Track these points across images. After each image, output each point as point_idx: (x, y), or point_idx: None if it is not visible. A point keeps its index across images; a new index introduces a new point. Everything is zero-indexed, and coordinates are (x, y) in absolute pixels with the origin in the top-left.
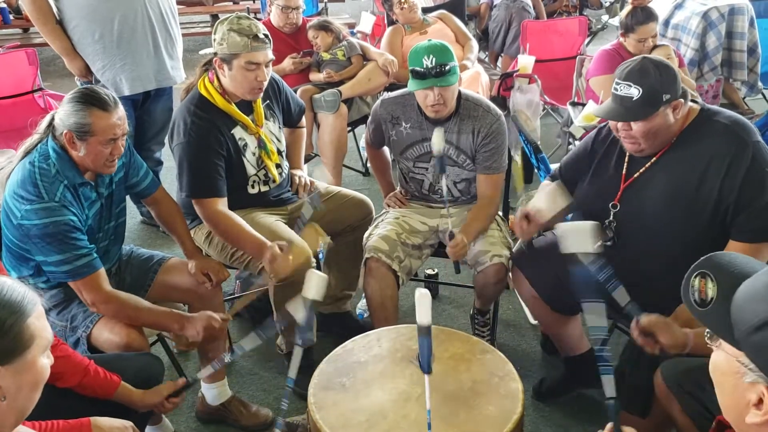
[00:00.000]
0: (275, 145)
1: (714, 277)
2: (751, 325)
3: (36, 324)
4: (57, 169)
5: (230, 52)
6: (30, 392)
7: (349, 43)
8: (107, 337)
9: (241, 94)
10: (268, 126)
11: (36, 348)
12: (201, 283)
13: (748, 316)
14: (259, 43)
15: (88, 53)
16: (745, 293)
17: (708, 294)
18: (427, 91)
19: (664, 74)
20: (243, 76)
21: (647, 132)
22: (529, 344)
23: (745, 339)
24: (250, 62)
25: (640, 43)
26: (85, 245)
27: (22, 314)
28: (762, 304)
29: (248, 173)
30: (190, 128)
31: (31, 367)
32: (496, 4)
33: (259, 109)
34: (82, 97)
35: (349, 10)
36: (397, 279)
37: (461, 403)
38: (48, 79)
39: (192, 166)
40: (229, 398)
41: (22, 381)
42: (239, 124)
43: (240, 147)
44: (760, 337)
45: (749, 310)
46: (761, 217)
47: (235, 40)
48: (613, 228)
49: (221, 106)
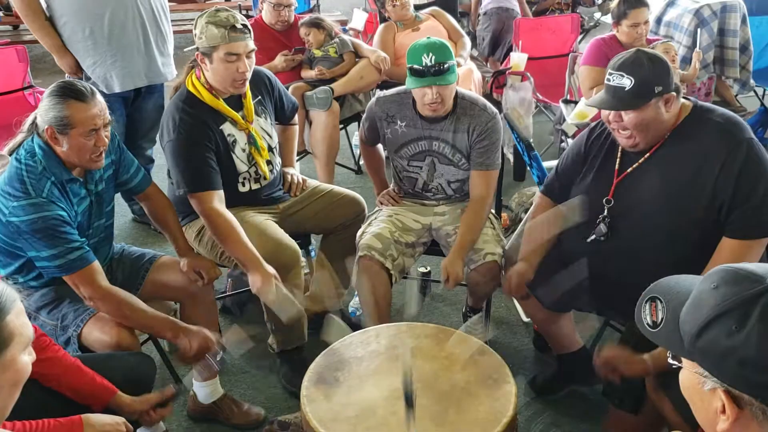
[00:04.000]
0: (266, 142)
1: (662, 299)
2: (693, 333)
3: (15, 322)
4: (44, 166)
5: (209, 44)
6: (10, 391)
7: (341, 40)
8: (97, 337)
9: (225, 87)
10: (259, 122)
11: (15, 346)
12: (193, 281)
13: (690, 326)
14: (237, 33)
15: (79, 50)
16: (686, 306)
17: (659, 315)
18: (426, 90)
19: (657, 66)
20: (224, 69)
21: (639, 123)
22: (521, 342)
23: (692, 348)
24: (229, 53)
25: (633, 29)
26: (76, 239)
27: (0, 312)
28: (698, 310)
29: (239, 170)
30: (179, 125)
31: (10, 366)
32: (486, 11)
33: (249, 104)
34: (59, 91)
35: (342, 7)
36: (390, 277)
37: (453, 403)
38: (38, 77)
39: (183, 162)
40: (221, 397)
41: (2, 380)
42: (228, 120)
43: (229, 143)
44: (702, 341)
45: (690, 320)
46: (755, 214)
47: (213, 32)
48: (607, 223)
49: (209, 102)
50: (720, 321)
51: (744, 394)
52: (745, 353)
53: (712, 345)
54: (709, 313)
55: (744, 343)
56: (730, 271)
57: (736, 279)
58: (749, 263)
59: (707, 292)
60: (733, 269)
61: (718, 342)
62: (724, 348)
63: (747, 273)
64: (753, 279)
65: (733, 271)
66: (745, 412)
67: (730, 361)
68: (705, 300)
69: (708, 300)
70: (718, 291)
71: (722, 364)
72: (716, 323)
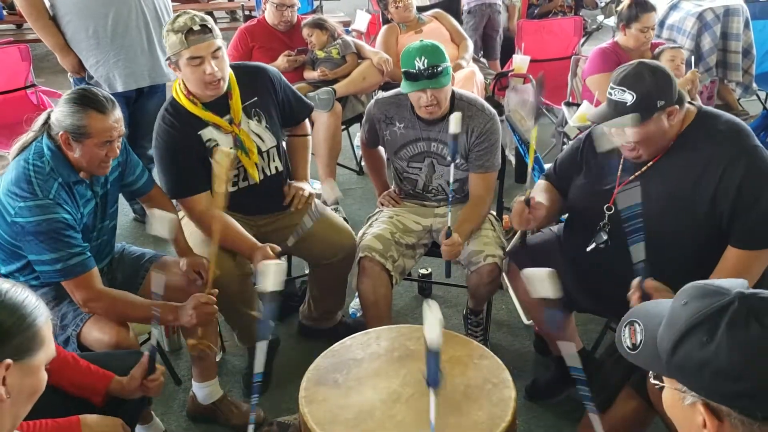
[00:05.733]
0: (257, 145)
1: (640, 322)
2: (668, 349)
3: (46, 332)
4: (51, 167)
5: (172, 52)
6: (27, 398)
7: (344, 41)
8: (97, 336)
9: (201, 91)
10: (250, 125)
11: (44, 353)
12: (192, 280)
13: (666, 343)
14: (195, 35)
15: (82, 49)
16: (662, 326)
17: (637, 338)
18: (420, 93)
19: (660, 79)
20: (191, 73)
21: (641, 138)
22: (522, 344)
23: (669, 364)
24: (192, 57)
25: (642, 34)
26: (78, 243)
27: (39, 317)
28: (672, 327)
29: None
30: (158, 132)
31: (35, 372)
32: (470, 10)
33: (236, 106)
34: (80, 99)
35: (344, 8)
36: (391, 278)
37: (451, 407)
38: (41, 76)
39: (165, 170)
40: (220, 397)
41: (24, 384)
42: (210, 125)
43: (208, 148)
44: (677, 357)
45: (665, 338)
46: (759, 224)
47: (173, 39)
48: (608, 230)
49: (188, 108)
50: (692, 334)
51: (722, 405)
52: (718, 364)
53: (687, 359)
54: (681, 328)
55: (715, 354)
56: (698, 287)
57: (704, 293)
58: (718, 279)
59: (678, 308)
60: (701, 285)
61: (691, 355)
62: (698, 360)
63: (715, 288)
64: (720, 292)
65: (700, 287)
66: (725, 423)
67: (705, 373)
68: (677, 317)
69: (680, 316)
70: (688, 306)
71: (697, 377)
72: (688, 337)
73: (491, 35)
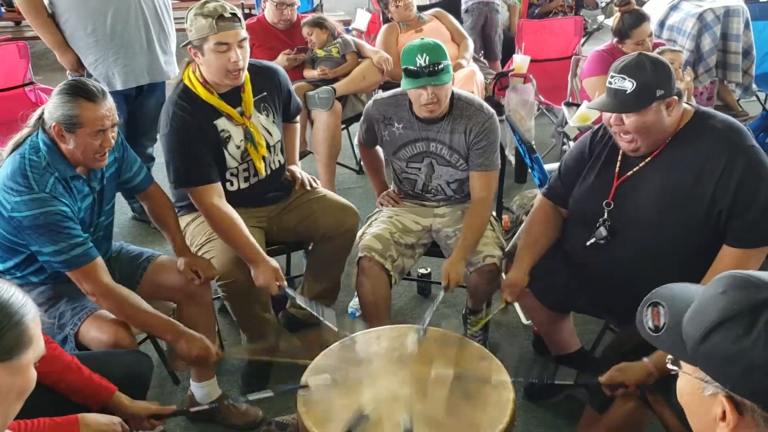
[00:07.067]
0: (265, 139)
1: (664, 304)
2: (697, 337)
3: (35, 329)
4: (48, 162)
5: (198, 36)
6: (17, 398)
7: (344, 40)
8: (95, 336)
9: (220, 79)
10: (260, 119)
11: (32, 352)
12: (190, 279)
13: (693, 331)
14: (225, 22)
15: (81, 47)
16: (690, 311)
17: (660, 320)
18: (421, 90)
19: (660, 70)
20: (215, 59)
21: (640, 127)
22: (520, 344)
23: (695, 352)
24: (219, 43)
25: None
26: (79, 234)
27: (26, 314)
28: (703, 315)
29: (228, 165)
30: (172, 118)
31: (24, 371)
32: (467, 9)
33: (248, 99)
34: (70, 89)
35: (345, 7)
36: (390, 278)
37: (449, 408)
38: (39, 73)
39: (177, 156)
40: (219, 397)
41: (13, 384)
42: (223, 115)
43: (222, 139)
44: (706, 346)
45: (693, 325)
46: (755, 223)
47: (201, 23)
48: (607, 226)
49: (203, 97)
50: (726, 326)
51: (746, 400)
52: (752, 359)
53: (717, 349)
54: (715, 317)
55: (751, 348)
56: (738, 277)
57: (745, 285)
58: (759, 271)
59: (714, 296)
60: (742, 275)
61: (723, 347)
62: (730, 353)
63: (756, 280)
64: (761, 286)
65: (742, 277)
66: (746, 418)
67: (736, 367)
68: (711, 305)
69: (715, 305)
70: (726, 296)
71: (726, 369)
72: (722, 328)
73: (490, 35)
